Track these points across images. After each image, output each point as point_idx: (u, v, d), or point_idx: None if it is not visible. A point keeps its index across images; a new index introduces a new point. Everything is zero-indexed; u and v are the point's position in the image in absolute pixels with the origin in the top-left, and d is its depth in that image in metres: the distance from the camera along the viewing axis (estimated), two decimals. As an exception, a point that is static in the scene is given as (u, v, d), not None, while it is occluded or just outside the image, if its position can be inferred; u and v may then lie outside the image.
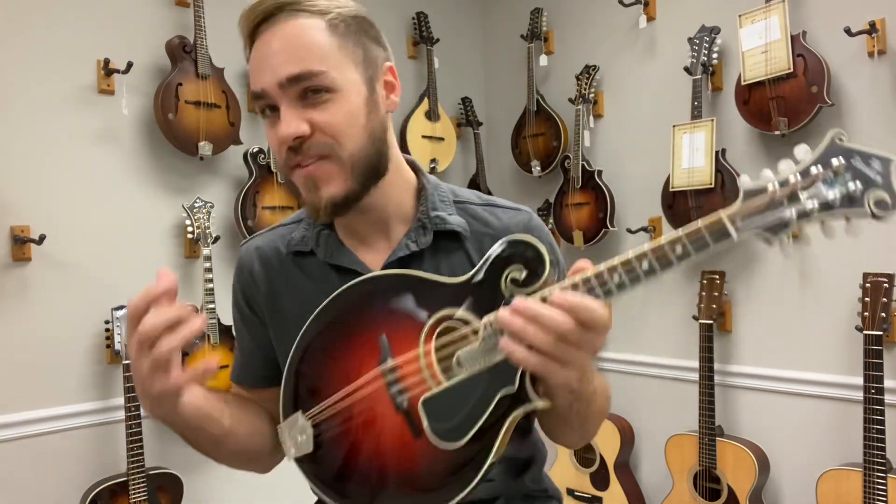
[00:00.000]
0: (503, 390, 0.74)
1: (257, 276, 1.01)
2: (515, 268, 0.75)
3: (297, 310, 0.97)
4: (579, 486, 2.56)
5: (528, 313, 0.68)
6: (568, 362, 0.69)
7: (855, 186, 0.65)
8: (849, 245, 2.02)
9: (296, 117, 0.83)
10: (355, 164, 0.86)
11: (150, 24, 2.28)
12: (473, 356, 0.76)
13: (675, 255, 0.68)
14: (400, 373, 0.82)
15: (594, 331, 0.68)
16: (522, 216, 0.98)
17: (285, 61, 0.82)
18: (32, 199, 2.05)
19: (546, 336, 0.67)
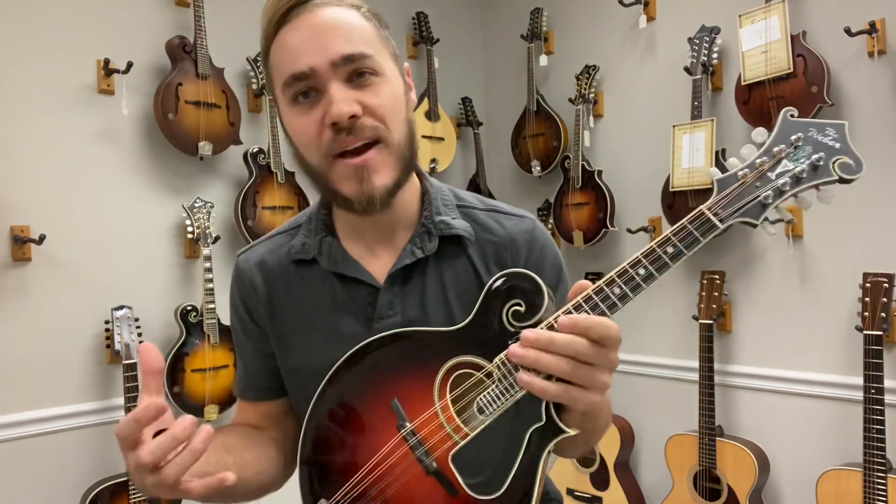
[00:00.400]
0: (533, 426, 0.73)
1: (258, 286, 0.98)
2: (515, 302, 0.75)
3: (297, 320, 0.96)
4: (579, 486, 2.56)
5: (541, 343, 0.68)
6: (589, 384, 0.69)
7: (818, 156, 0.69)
8: (849, 245, 2.02)
9: (348, 96, 0.80)
10: (402, 153, 0.85)
11: (150, 24, 2.28)
12: (493, 399, 0.75)
13: (669, 256, 0.70)
14: (422, 434, 0.80)
15: (607, 346, 0.69)
16: (526, 224, 0.97)
17: (336, 40, 0.80)
18: (32, 199, 2.05)
19: (563, 361, 0.68)
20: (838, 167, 0.69)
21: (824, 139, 0.70)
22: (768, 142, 0.72)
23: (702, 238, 0.70)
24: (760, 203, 0.71)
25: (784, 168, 0.70)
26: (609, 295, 0.71)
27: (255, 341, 1.01)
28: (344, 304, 0.93)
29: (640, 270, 0.70)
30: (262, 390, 1.02)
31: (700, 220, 0.70)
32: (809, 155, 0.70)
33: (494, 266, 0.94)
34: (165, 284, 2.29)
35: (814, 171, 0.69)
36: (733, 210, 0.70)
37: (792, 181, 0.70)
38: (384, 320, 0.91)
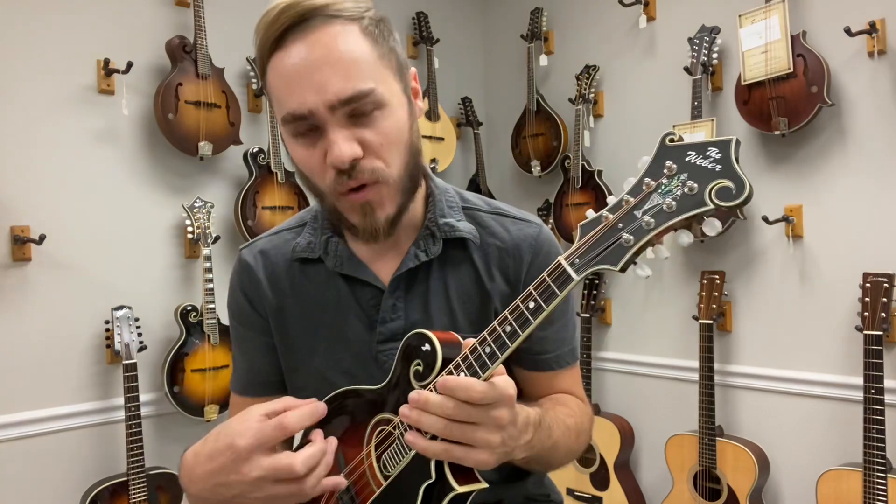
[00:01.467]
0: (424, 484, 0.75)
1: (262, 280, 0.97)
2: (416, 362, 0.77)
3: (301, 318, 0.95)
4: (579, 486, 2.56)
5: (419, 404, 0.70)
6: (470, 441, 0.70)
7: (691, 184, 0.61)
8: (849, 245, 2.02)
9: (347, 139, 0.77)
10: (402, 182, 0.84)
11: (150, 24, 2.28)
12: (395, 455, 0.78)
13: (530, 311, 0.68)
14: (352, 479, 0.84)
15: (481, 405, 0.69)
16: (532, 229, 0.96)
17: (333, 79, 0.75)
18: (32, 199, 2.05)
19: (438, 421, 0.69)
20: (714, 194, 0.59)
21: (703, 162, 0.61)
22: (638, 177, 0.64)
23: (559, 291, 0.66)
24: (621, 246, 0.63)
25: (651, 204, 0.62)
26: (481, 354, 0.70)
27: (259, 333, 0.99)
28: (348, 305, 0.93)
29: (507, 328, 0.69)
30: (269, 385, 1.01)
31: (557, 271, 0.67)
32: (683, 184, 0.61)
33: (497, 270, 0.94)
34: (165, 284, 2.29)
35: (687, 202, 0.60)
36: (589, 259, 0.65)
37: (658, 218, 0.62)
38: (387, 324, 0.91)
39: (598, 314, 2.69)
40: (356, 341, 0.92)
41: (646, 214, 0.63)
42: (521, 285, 0.93)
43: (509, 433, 0.72)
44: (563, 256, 0.67)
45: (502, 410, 0.70)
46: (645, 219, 0.62)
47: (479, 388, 0.68)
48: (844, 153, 2.04)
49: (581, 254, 0.66)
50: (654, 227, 0.62)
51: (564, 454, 0.90)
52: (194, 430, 2.31)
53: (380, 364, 0.91)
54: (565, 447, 0.88)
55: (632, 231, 0.63)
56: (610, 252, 0.64)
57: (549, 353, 0.96)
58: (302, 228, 0.98)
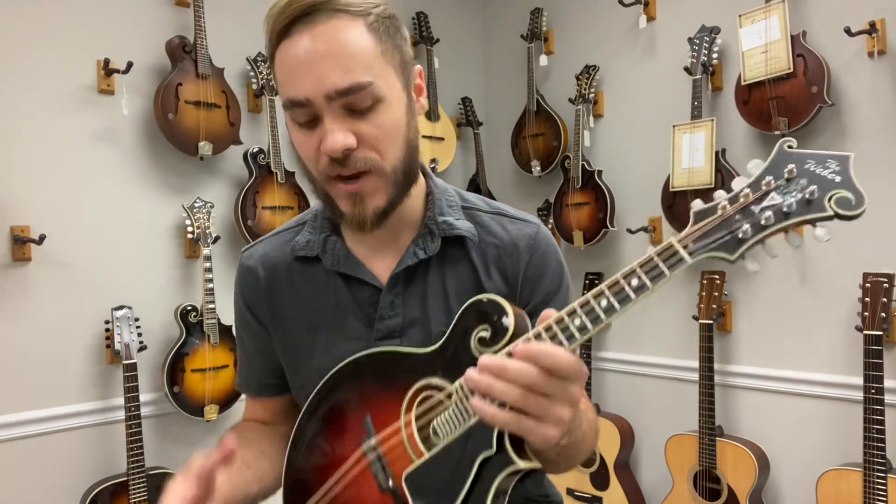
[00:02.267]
0: (482, 454, 0.71)
1: (261, 282, 0.99)
2: (482, 328, 0.73)
3: (301, 317, 0.96)
4: (579, 486, 2.56)
5: (494, 369, 0.66)
6: (542, 416, 0.66)
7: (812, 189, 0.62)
8: (849, 245, 2.02)
9: (342, 129, 0.79)
10: (396, 176, 0.84)
11: (150, 24, 2.28)
12: (449, 422, 0.73)
13: (632, 289, 0.67)
14: (383, 448, 0.80)
15: (563, 378, 0.66)
16: (529, 229, 0.96)
17: (332, 70, 0.77)
18: (32, 199, 2.05)
19: (514, 389, 0.65)
20: (835, 202, 0.61)
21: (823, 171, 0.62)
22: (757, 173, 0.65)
23: (668, 272, 0.66)
24: (737, 238, 0.64)
25: (771, 202, 0.64)
26: (569, 325, 0.67)
27: (257, 339, 1.02)
28: (347, 303, 0.94)
29: (602, 302, 0.67)
30: (264, 386, 1.04)
31: (668, 252, 0.66)
32: (803, 188, 0.62)
33: (495, 269, 0.94)
34: (165, 284, 2.29)
35: (805, 206, 0.62)
36: (705, 244, 0.65)
37: (777, 216, 0.63)
38: (385, 321, 0.92)
39: (598, 314, 2.69)
40: (355, 339, 0.93)
41: (765, 211, 0.64)
42: (518, 284, 0.94)
43: (576, 412, 0.69)
44: (676, 238, 0.66)
45: (577, 387, 0.68)
46: (765, 215, 0.63)
47: (569, 357, 0.65)
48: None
49: (695, 238, 0.66)
50: (773, 225, 0.63)
51: (587, 449, 0.88)
52: (194, 430, 2.31)
53: None
54: (588, 441, 0.87)
55: (750, 225, 0.64)
56: (727, 241, 0.65)
57: None
58: (301, 227, 1.00)
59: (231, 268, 2.40)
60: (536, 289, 0.93)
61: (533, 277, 0.94)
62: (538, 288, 0.94)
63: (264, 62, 2.42)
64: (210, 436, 2.34)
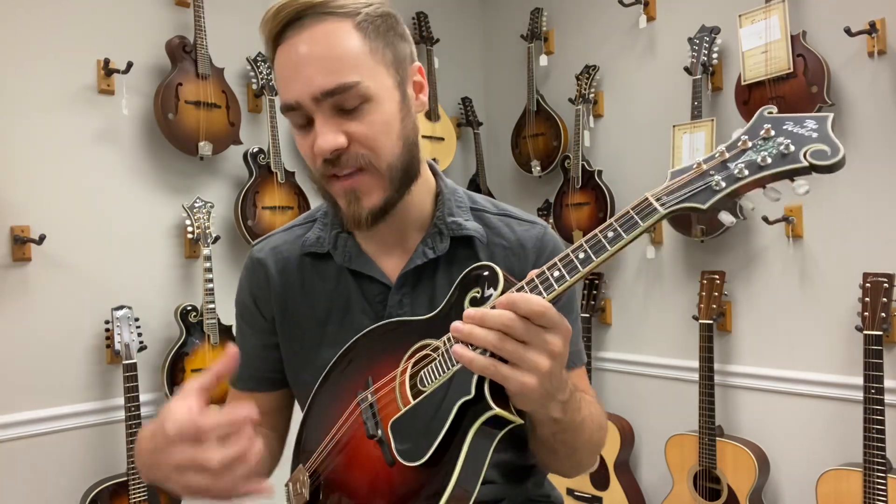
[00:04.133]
0: (461, 399, 0.73)
1: (272, 276, 0.99)
2: (474, 290, 0.77)
3: (310, 312, 0.97)
4: (579, 487, 2.56)
5: (475, 318, 0.69)
6: (519, 361, 0.68)
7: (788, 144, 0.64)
8: (849, 245, 2.02)
9: (332, 130, 0.81)
10: (392, 173, 0.85)
11: (150, 24, 2.28)
12: (434, 371, 0.77)
13: (608, 240, 0.69)
14: (376, 398, 0.83)
15: (540, 325, 0.68)
16: (536, 230, 0.98)
17: (318, 73, 0.79)
18: (32, 199, 2.05)
19: (492, 335, 0.68)
20: (810, 154, 0.63)
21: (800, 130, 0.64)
22: (735, 135, 0.67)
23: (641, 223, 0.68)
24: (710, 188, 0.66)
25: (746, 158, 0.66)
26: (548, 277, 0.70)
27: (258, 331, 1.02)
28: (356, 300, 0.95)
29: (580, 254, 0.69)
30: (260, 381, 1.03)
31: (642, 205, 0.69)
32: (779, 145, 0.64)
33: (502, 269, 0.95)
34: (165, 284, 2.29)
35: (781, 159, 0.64)
36: (678, 196, 0.68)
37: (751, 168, 0.65)
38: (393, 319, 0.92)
39: (598, 314, 2.69)
40: None
41: (739, 164, 0.65)
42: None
43: (557, 366, 0.71)
44: (650, 193, 0.69)
45: (556, 337, 0.69)
46: (738, 166, 0.65)
47: (541, 301, 0.68)
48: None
49: (669, 192, 0.68)
50: (747, 177, 0.65)
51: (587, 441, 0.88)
52: (194, 430, 2.31)
53: None
54: (588, 432, 0.87)
55: (724, 177, 0.66)
56: (699, 192, 0.67)
57: None
58: (312, 224, 1.01)
59: (231, 268, 2.40)
60: None
61: None
62: None
63: (264, 62, 2.42)
64: (210, 436, 2.34)
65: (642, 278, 2.60)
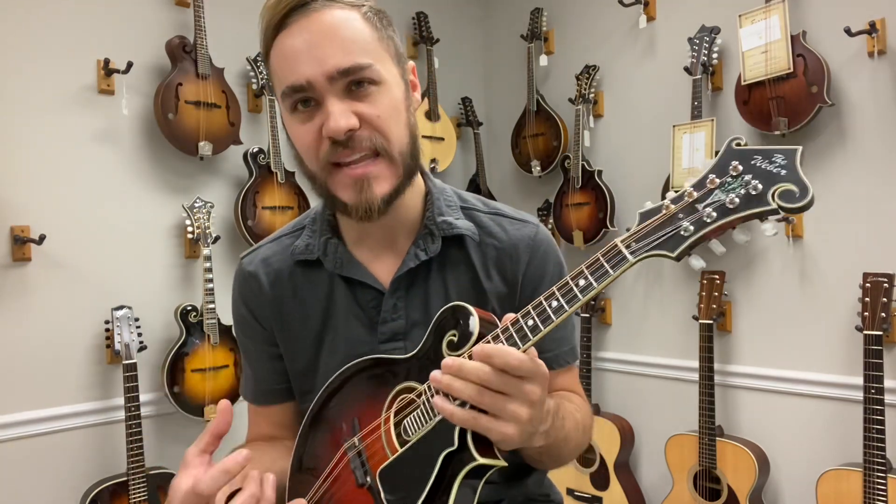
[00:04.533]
0: (445, 451, 0.74)
1: (264, 287, 0.98)
2: (450, 333, 0.76)
3: (305, 322, 0.96)
4: (579, 486, 2.56)
5: (452, 369, 0.69)
6: (498, 413, 0.69)
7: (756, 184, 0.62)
8: (849, 245, 2.02)
9: (344, 110, 0.79)
10: (403, 159, 0.84)
11: (150, 24, 2.28)
12: (417, 420, 0.77)
13: (580, 289, 0.69)
14: (363, 445, 0.83)
15: (519, 377, 0.68)
16: (528, 229, 0.96)
17: (334, 52, 0.78)
18: (32, 199, 2.05)
19: (470, 387, 0.68)
20: (778, 196, 0.61)
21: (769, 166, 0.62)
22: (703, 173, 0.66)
23: (612, 271, 0.67)
24: (679, 235, 0.65)
25: (714, 199, 0.64)
26: (522, 326, 0.70)
27: (261, 343, 1.00)
28: (349, 307, 0.94)
29: (553, 303, 0.69)
30: (272, 393, 1.02)
31: (612, 252, 0.68)
32: (747, 184, 0.63)
33: (495, 271, 0.94)
34: (165, 284, 2.29)
35: (749, 201, 0.63)
36: (647, 243, 0.67)
37: (720, 212, 0.64)
38: (388, 324, 0.92)
39: (598, 314, 2.69)
40: (358, 342, 0.93)
41: (708, 208, 0.65)
42: (518, 286, 0.94)
43: (537, 412, 0.71)
44: (620, 239, 0.68)
45: (535, 386, 0.70)
46: (707, 211, 0.64)
47: (518, 356, 0.68)
48: (844, 153, 2.04)
49: (639, 238, 0.67)
50: (715, 220, 0.64)
51: (573, 448, 0.90)
52: (194, 430, 2.31)
53: None
54: (574, 441, 0.88)
55: (692, 222, 0.65)
56: (668, 239, 0.66)
57: (549, 353, 0.96)
58: (301, 232, 0.99)
59: (231, 268, 2.40)
60: (538, 289, 0.93)
61: (534, 278, 0.94)
62: (539, 288, 0.93)
63: (264, 62, 2.42)
64: (210, 436, 2.34)
65: (642, 278, 2.60)
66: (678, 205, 0.66)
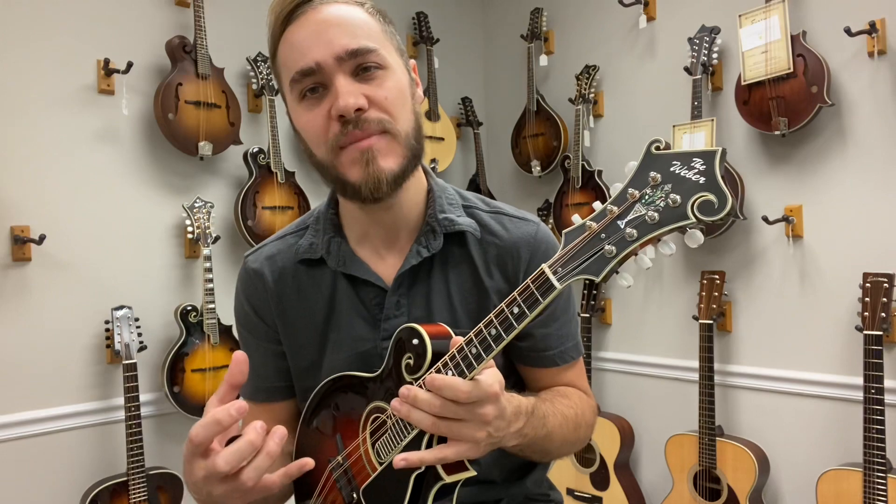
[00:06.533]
0: (414, 473, 0.78)
1: (268, 285, 0.98)
2: (407, 355, 0.79)
3: (309, 320, 0.96)
4: (579, 486, 2.56)
5: (408, 399, 0.73)
6: (457, 437, 0.73)
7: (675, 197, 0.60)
8: (849, 245, 2.02)
9: (353, 91, 0.82)
10: (408, 141, 0.87)
11: (150, 24, 2.28)
12: (389, 441, 0.81)
13: (514, 316, 0.70)
14: (348, 463, 0.87)
15: (469, 404, 0.71)
16: (529, 227, 0.98)
17: (342, 35, 0.82)
18: (32, 199, 2.05)
19: (426, 417, 0.72)
20: (697, 208, 0.59)
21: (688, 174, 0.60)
22: (623, 184, 0.64)
23: (542, 299, 0.67)
24: (603, 257, 0.64)
25: (635, 214, 0.62)
26: (467, 354, 0.72)
27: (263, 340, 1.01)
28: (353, 304, 0.95)
29: (492, 331, 0.71)
30: (273, 391, 1.02)
31: (540, 279, 0.68)
32: (666, 195, 0.61)
33: (496, 268, 0.95)
34: (165, 284, 2.29)
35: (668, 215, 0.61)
36: (572, 268, 0.66)
37: (641, 229, 0.62)
38: (391, 321, 0.92)
39: (598, 314, 2.69)
40: (361, 339, 0.94)
41: (629, 226, 0.63)
42: (519, 284, 0.94)
43: (496, 426, 0.74)
44: (547, 264, 0.68)
45: (487, 407, 0.73)
46: (627, 230, 0.63)
47: (464, 387, 0.71)
48: (844, 153, 2.04)
49: (564, 262, 0.67)
50: (637, 239, 0.63)
51: (561, 444, 0.91)
52: (194, 430, 2.31)
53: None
54: (561, 437, 0.90)
55: (614, 242, 0.64)
56: (593, 262, 0.65)
57: (553, 350, 0.97)
58: (304, 231, 1.00)
59: (231, 268, 2.40)
60: None
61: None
62: None
63: (264, 62, 2.42)
64: (210, 436, 2.34)
65: (642, 278, 2.60)
66: (600, 223, 0.65)
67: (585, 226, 0.66)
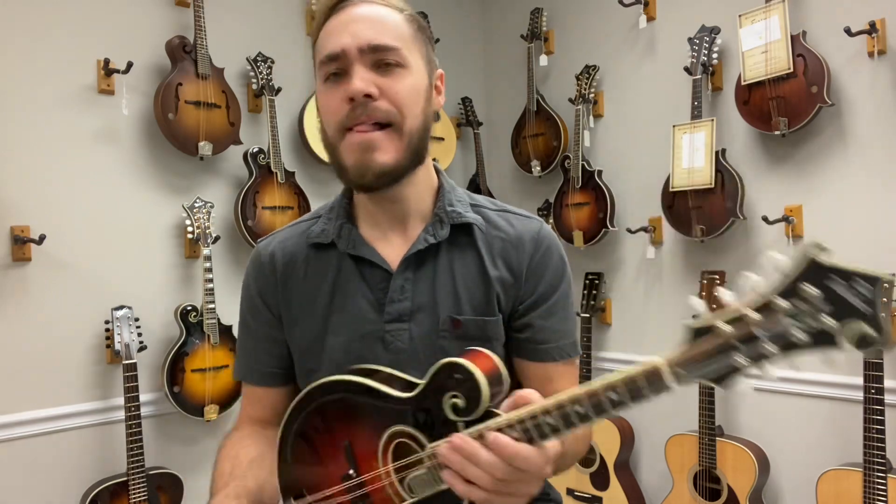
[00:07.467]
0: None
1: (277, 269, 1.02)
2: (455, 394, 0.75)
3: (313, 301, 0.99)
4: (579, 486, 2.56)
5: (466, 453, 0.70)
6: (512, 493, 0.72)
7: (831, 321, 0.54)
8: (849, 245, 2.02)
9: (367, 79, 0.87)
10: (411, 140, 0.90)
11: (150, 24, 2.28)
12: (422, 483, 0.78)
13: (610, 403, 0.66)
14: (367, 489, 0.84)
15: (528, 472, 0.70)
16: (533, 225, 1.02)
17: (368, 30, 0.88)
18: (32, 199, 2.05)
19: (485, 477, 0.70)
20: (853, 338, 0.53)
21: (847, 295, 0.53)
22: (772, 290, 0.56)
23: (650, 395, 0.64)
24: (731, 366, 0.59)
25: (779, 328, 0.56)
26: (541, 424, 0.68)
27: (264, 326, 1.04)
28: (358, 286, 0.97)
29: (578, 408, 0.66)
30: (266, 375, 1.05)
31: (654, 375, 0.64)
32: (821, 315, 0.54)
33: (500, 259, 0.98)
34: (165, 284, 2.29)
35: (816, 339, 0.55)
36: (697, 373, 0.61)
37: (780, 346, 0.56)
38: (395, 304, 0.95)
39: (598, 314, 2.69)
40: (364, 322, 0.96)
41: (769, 341, 0.57)
42: (522, 277, 0.98)
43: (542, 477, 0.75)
44: (666, 358, 0.63)
45: (548, 468, 0.72)
46: (767, 347, 0.57)
47: (537, 460, 0.69)
48: (844, 153, 2.04)
49: (685, 363, 0.62)
50: (773, 355, 0.57)
51: (572, 459, 0.95)
52: (194, 430, 2.31)
53: (386, 344, 0.94)
54: (573, 453, 0.94)
55: (750, 355, 0.58)
56: (720, 368, 0.60)
57: (551, 343, 0.99)
58: (318, 219, 1.04)
59: (231, 268, 2.40)
60: (540, 282, 0.98)
61: (537, 271, 0.98)
62: (541, 281, 0.98)
63: (264, 62, 2.42)
64: (210, 436, 2.34)
65: (642, 278, 2.60)
66: (736, 327, 0.58)
67: (717, 329, 0.59)
